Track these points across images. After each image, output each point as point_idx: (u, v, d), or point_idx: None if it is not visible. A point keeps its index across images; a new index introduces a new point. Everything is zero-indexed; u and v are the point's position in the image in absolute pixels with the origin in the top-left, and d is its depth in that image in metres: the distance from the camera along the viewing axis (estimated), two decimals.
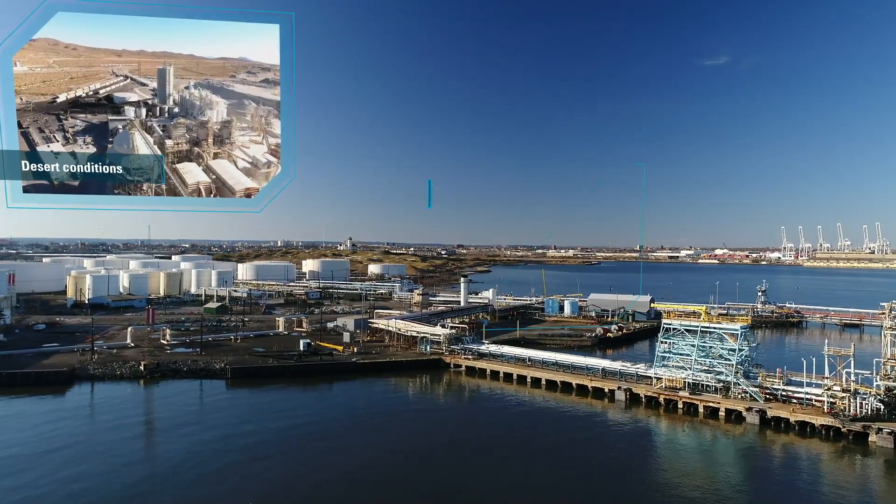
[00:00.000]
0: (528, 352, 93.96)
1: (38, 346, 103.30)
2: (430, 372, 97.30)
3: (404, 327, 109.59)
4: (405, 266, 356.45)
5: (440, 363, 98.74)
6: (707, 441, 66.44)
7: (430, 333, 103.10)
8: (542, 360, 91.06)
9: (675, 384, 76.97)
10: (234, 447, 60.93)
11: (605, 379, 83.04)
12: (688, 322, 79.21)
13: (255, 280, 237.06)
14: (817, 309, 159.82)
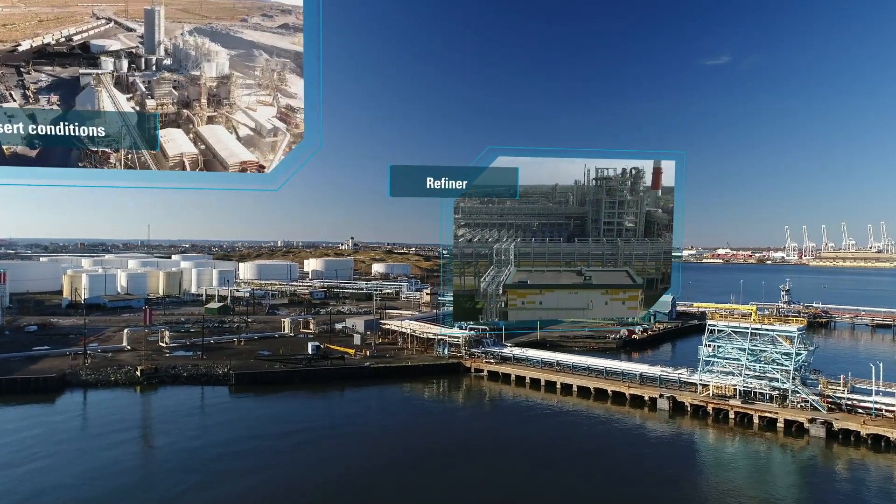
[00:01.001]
0: (556, 355, 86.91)
1: (28, 350, 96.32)
2: (448, 377, 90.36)
3: (419, 329, 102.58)
4: (409, 265, 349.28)
5: (459, 367, 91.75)
6: (765, 456, 59.47)
7: (447, 335, 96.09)
8: (571, 365, 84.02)
9: (723, 392, 69.98)
10: (236, 466, 53.91)
11: (643, 385, 76.05)
12: (736, 323, 72.20)
13: (258, 279, 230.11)
14: (846, 309, 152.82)
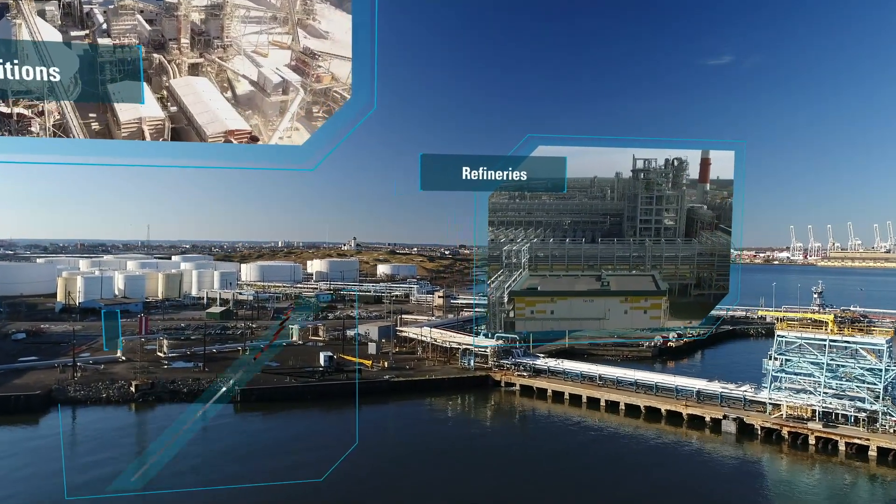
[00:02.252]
0: (597, 368, 78.22)
1: (13, 361, 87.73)
2: (475, 392, 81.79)
3: (441, 337, 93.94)
4: (415, 266, 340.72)
5: (488, 381, 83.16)
6: (854, 489, 50.99)
7: (474, 345, 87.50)
8: (616, 379, 75.31)
9: (799, 413, 61.37)
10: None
11: (703, 404, 67.34)
12: (811, 334, 63.53)
13: (261, 281, 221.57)
14: (888, 313, 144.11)
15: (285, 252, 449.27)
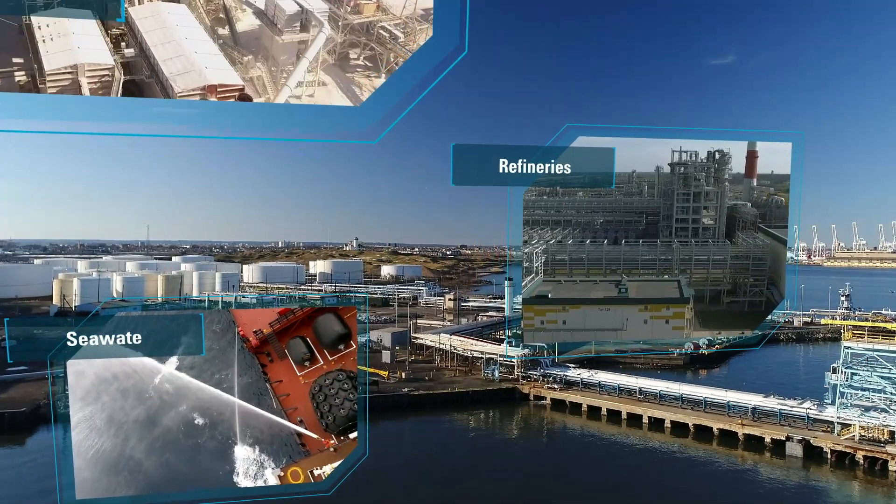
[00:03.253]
0: (636, 380, 71.68)
1: (1, 371, 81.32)
2: (501, 406, 75.30)
3: (462, 345, 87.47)
4: (420, 267, 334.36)
5: (515, 394, 76.68)
6: None
7: (499, 354, 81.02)
8: (658, 393, 68.82)
9: (874, 434, 54.97)
10: None
11: (761, 423, 60.87)
12: (885, 346, 57.06)
13: (263, 283, 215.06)
14: None
15: (286, 252, 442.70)
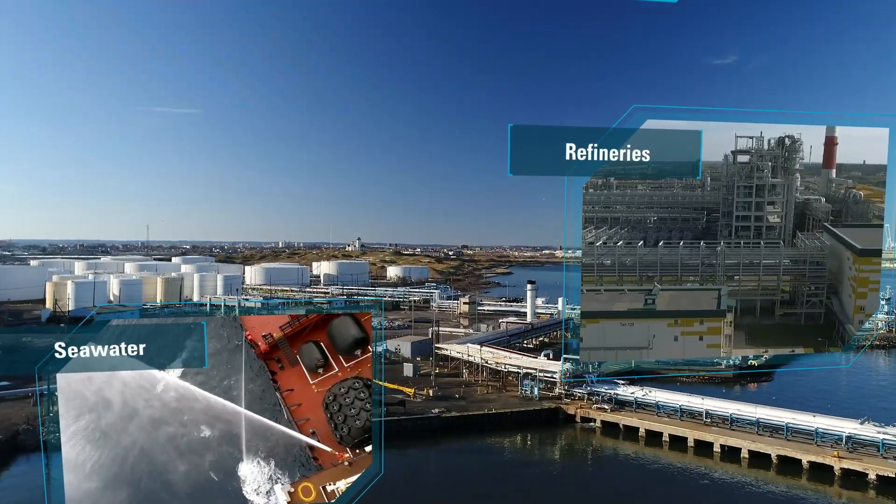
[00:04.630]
0: (702, 401, 62.64)
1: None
2: (542, 429, 66.44)
3: (494, 358, 78.61)
4: (427, 268, 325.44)
5: (558, 415, 67.84)
6: None
7: (539, 368, 72.14)
8: (729, 417, 59.92)
9: None
10: None
11: (861, 455, 52.02)
12: None
13: (267, 285, 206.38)
14: None
15: (288, 253, 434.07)
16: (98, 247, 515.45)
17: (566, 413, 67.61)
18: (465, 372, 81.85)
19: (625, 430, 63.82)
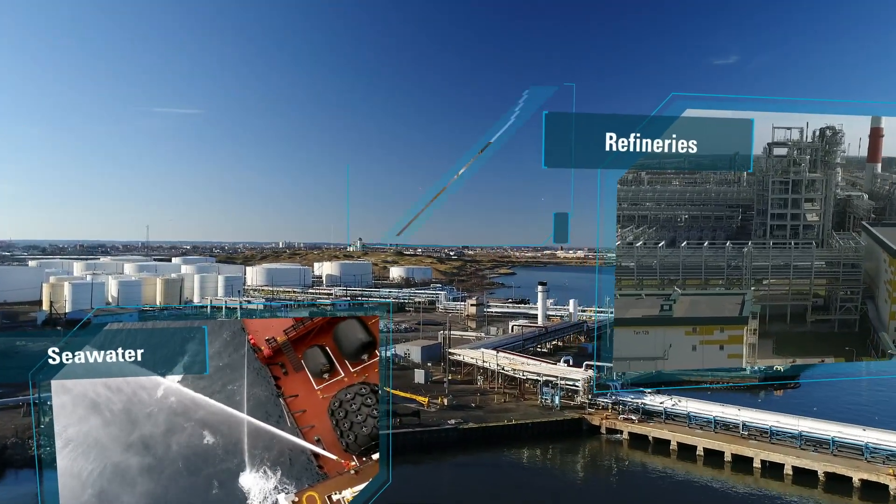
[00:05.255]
0: (737, 412, 58.50)
1: None
2: (565, 441, 62.40)
3: (511, 364, 74.56)
4: (431, 269, 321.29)
5: (582, 426, 63.80)
6: None
7: (560, 376, 68.07)
8: (769, 430, 55.85)
9: None
10: None
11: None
12: None
13: (269, 286, 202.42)
14: None
15: (289, 254, 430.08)
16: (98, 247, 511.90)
17: (590, 424, 63.58)
18: (479, 378, 77.81)
19: (654, 442, 59.79)
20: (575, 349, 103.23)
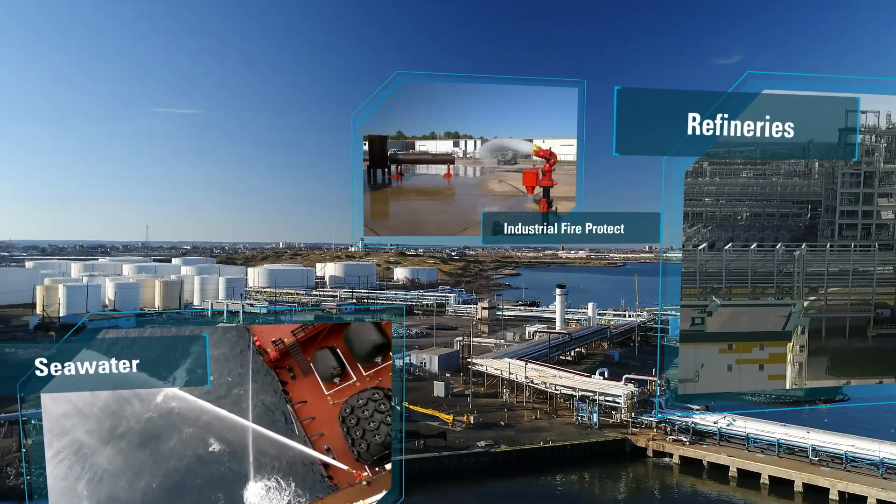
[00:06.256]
0: (807, 434, 52.05)
1: None
2: (608, 466, 56.12)
3: (541, 377, 68.16)
4: (436, 270, 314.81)
5: (624, 447, 57.52)
6: None
7: (599, 391, 61.68)
8: (844, 455, 49.43)
9: None
10: None
11: None
12: None
13: (271, 288, 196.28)
14: None
15: (290, 254, 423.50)
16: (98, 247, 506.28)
17: (634, 445, 57.28)
18: (505, 392, 71.42)
19: (709, 467, 53.45)
20: (601, 356, 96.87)
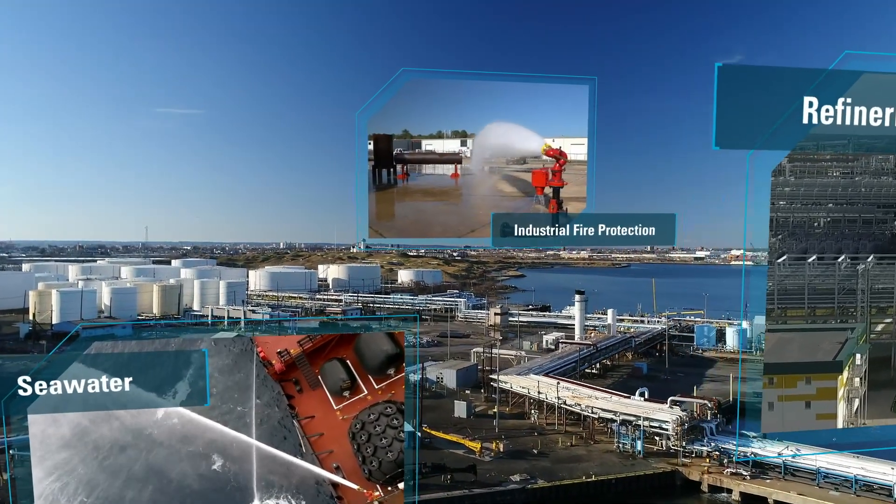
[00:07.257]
0: (891, 470, 45.84)
1: None
2: (656, 500, 49.92)
3: (575, 398, 61.84)
4: (441, 272, 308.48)
5: (675, 480, 51.30)
6: None
7: (643, 416, 55.41)
8: None
9: None
10: None
11: None
12: None
13: (273, 291, 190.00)
14: None
15: (291, 255, 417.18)
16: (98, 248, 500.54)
17: (686, 479, 51.00)
18: (533, 413, 65.16)
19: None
20: (627, 368, 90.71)
